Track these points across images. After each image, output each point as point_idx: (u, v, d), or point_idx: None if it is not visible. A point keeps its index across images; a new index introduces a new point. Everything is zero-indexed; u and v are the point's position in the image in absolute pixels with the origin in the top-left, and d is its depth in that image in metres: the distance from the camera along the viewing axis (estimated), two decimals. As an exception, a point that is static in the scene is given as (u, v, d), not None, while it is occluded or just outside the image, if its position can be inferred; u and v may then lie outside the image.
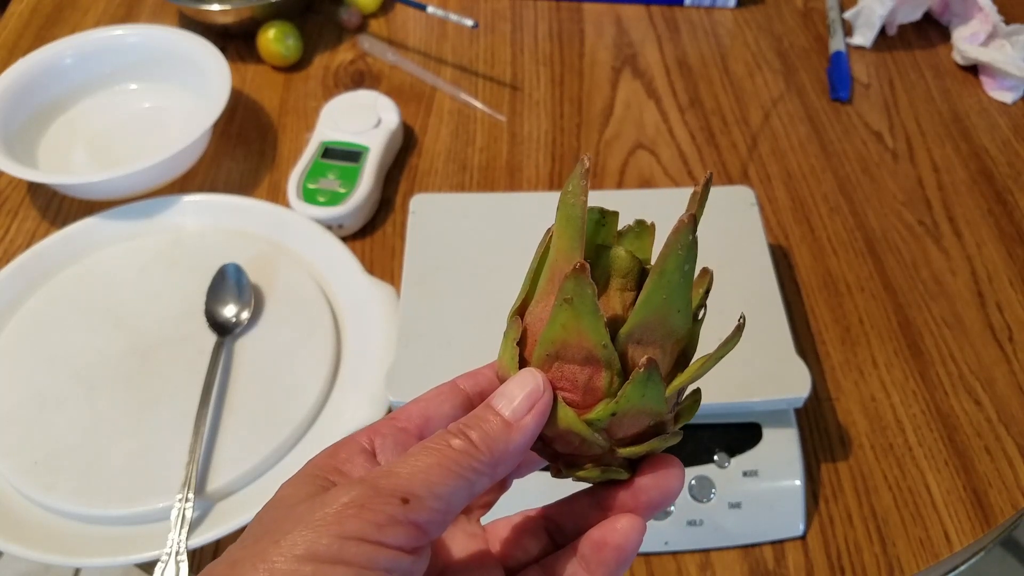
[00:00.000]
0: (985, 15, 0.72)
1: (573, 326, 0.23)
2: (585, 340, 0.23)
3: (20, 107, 0.65)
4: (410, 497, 0.21)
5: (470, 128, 0.69)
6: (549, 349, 0.24)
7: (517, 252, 0.52)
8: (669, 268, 0.23)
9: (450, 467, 0.22)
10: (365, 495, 0.21)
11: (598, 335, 0.23)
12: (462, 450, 0.22)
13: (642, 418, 0.24)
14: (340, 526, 0.20)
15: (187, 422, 0.48)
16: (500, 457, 0.23)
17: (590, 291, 0.22)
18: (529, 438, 0.23)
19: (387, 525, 0.20)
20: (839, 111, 0.71)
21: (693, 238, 0.23)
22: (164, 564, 0.43)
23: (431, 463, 0.22)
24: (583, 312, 0.23)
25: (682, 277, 0.23)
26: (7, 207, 0.64)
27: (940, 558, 0.46)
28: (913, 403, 0.52)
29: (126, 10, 0.80)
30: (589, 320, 0.23)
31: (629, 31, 0.78)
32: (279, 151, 0.68)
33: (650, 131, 0.69)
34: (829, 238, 0.61)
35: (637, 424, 0.24)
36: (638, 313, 0.23)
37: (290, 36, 0.72)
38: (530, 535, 0.27)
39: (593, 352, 0.23)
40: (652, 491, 0.25)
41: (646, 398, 0.23)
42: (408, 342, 0.47)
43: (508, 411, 0.23)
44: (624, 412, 0.24)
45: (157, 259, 0.57)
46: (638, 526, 0.24)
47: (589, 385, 0.24)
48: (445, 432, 0.23)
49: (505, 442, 0.23)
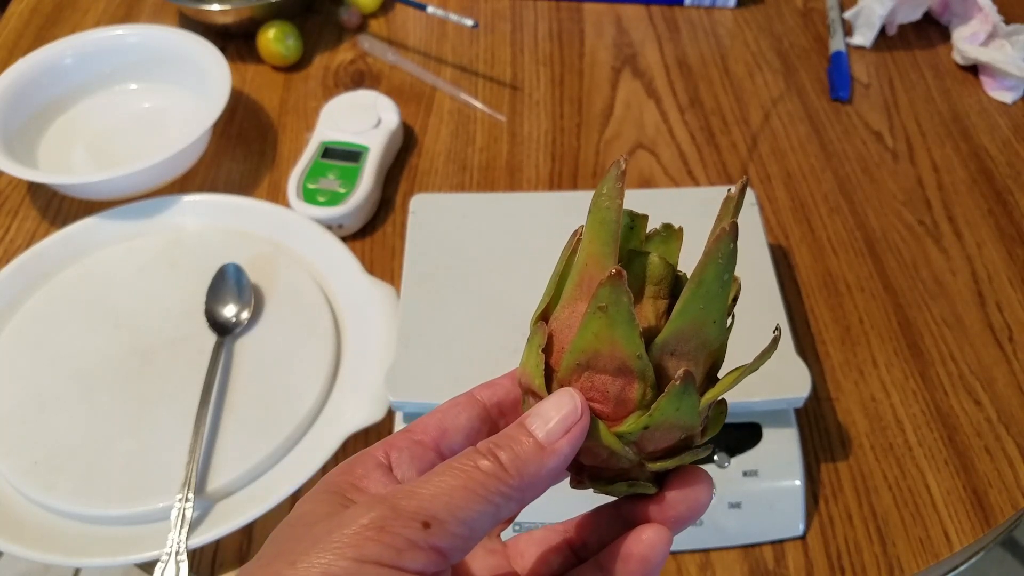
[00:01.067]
0: (985, 15, 0.72)
1: (607, 335, 0.22)
2: (618, 350, 0.22)
3: (20, 107, 0.65)
4: (432, 521, 0.20)
5: (470, 128, 0.69)
6: (580, 359, 0.23)
7: (517, 252, 0.53)
8: (708, 278, 0.22)
9: (476, 490, 0.21)
10: (385, 516, 0.20)
11: (633, 346, 0.22)
12: (490, 472, 0.21)
13: (674, 432, 0.23)
14: (358, 549, 0.19)
15: (187, 422, 0.48)
16: (530, 482, 0.22)
17: (626, 299, 0.21)
18: (563, 462, 0.22)
19: (406, 550, 0.19)
20: (839, 111, 0.71)
21: (734, 247, 0.22)
22: (164, 564, 0.43)
23: (456, 485, 0.21)
24: (618, 321, 0.22)
25: (721, 287, 0.22)
26: (7, 207, 0.64)
27: (940, 558, 0.46)
28: (913, 403, 0.52)
29: (126, 10, 0.80)
30: (624, 330, 0.22)
31: (629, 31, 0.78)
32: (279, 151, 0.68)
33: (650, 131, 0.69)
34: (829, 238, 0.61)
35: (668, 438, 0.23)
36: (674, 323, 0.22)
37: (290, 36, 0.72)
38: (553, 551, 0.26)
39: (627, 363, 0.22)
40: (680, 506, 0.24)
41: (680, 412, 0.23)
42: (408, 342, 0.47)
43: (542, 432, 0.22)
44: (657, 426, 0.23)
45: (157, 259, 0.57)
46: (664, 537, 0.23)
47: (621, 397, 0.23)
48: (474, 451, 0.22)
49: (537, 466, 0.22)
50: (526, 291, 0.53)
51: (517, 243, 0.53)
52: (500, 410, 0.26)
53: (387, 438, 0.24)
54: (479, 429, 0.25)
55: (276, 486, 0.46)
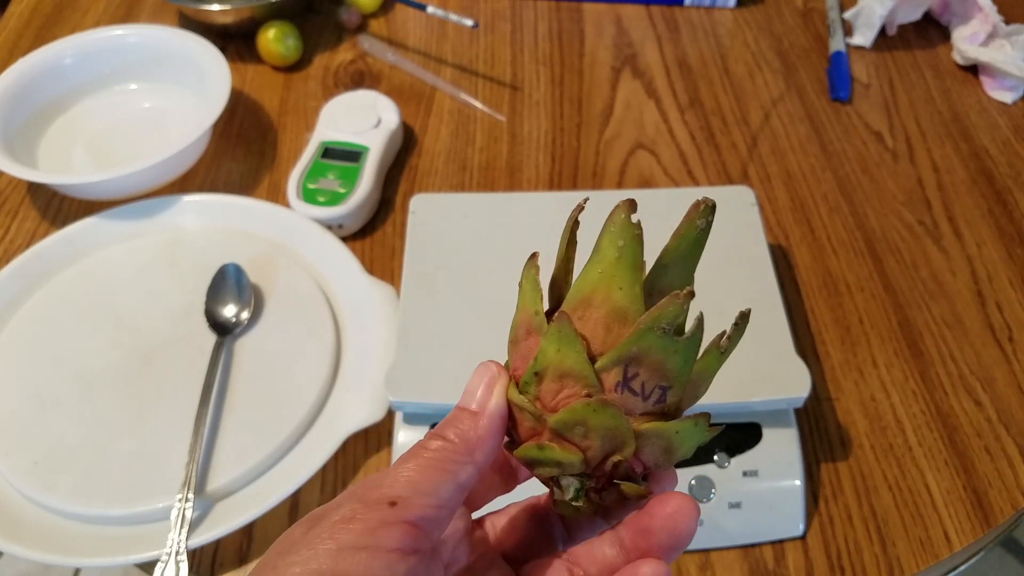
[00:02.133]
0: (985, 15, 0.72)
1: (521, 304, 0.25)
2: (526, 313, 0.25)
3: (20, 107, 0.65)
4: (396, 500, 0.22)
5: (470, 128, 0.69)
6: (511, 336, 0.26)
7: (517, 252, 0.52)
8: (603, 244, 0.24)
9: (430, 465, 0.23)
10: (354, 508, 0.21)
11: (534, 304, 0.25)
12: (439, 448, 0.23)
13: (568, 381, 0.23)
14: (335, 540, 0.21)
15: (187, 422, 0.48)
16: (475, 444, 0.24)
17: (533, 271, 0.25)
18: (497, 419, 0.24)
19: (379, 528, 0.21)
20: (839, 111, 0.71)
21: (625, 216, 0.24)
22: (164, 564, 0.43)
23: (411, 467, 0.23)
24: (527, 289, 0.25)
25: (617, 252, 0.24)
26: (7, 207, 0.64)
27: (940, 558, 0.46)
28: (913, 403, 0.52)
29: (126, 10, 0.80)
30: (529, 295, 0.25)
31: (629, 31, 0.78)
32: (279, 151, 0.68)
33: (650, 131, 0.69)
34: (829, 238, 0.61)
35: (566, 388, 0.24)
36: (574, 286, 0.24)
37: (290, 36, 0.72)
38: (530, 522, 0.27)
39: (531, 322, 0.25)
40: (661, 533, 0.23)
41: (561, 352, 0.23)
42: (408, 342, 0.47)
43: (473, 403, 0.25)
44: (544, 370, 0.24)
45: (157, 259, 0.57)
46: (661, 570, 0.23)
47: (528, 355, 0.25)
48: (422, 440, 0.24)
49: (476, 428, 0.24)
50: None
51: (517, 243, 0.52)
52: None
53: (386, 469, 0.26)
54: None
55: (276, 486, 0.46)
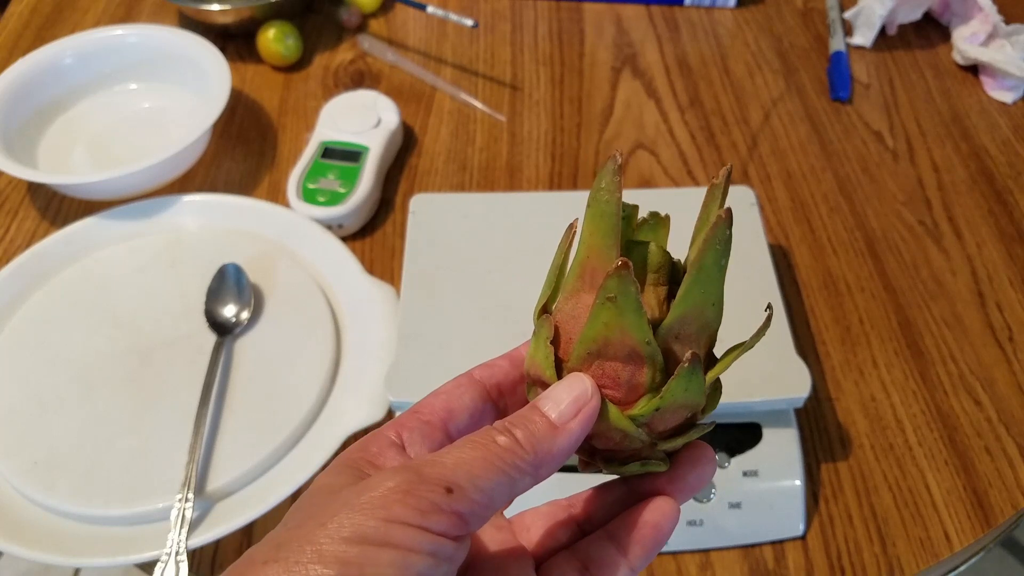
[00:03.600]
0: (985, 15, 0.72)
1: (616, 324, 0.23)
2: (628, 338, 0.23)
3: (20, 107, 0.65)
4: (454, 487, 0.21)
5: (470, 128, 0.69)
6: (591, 347, 0.24)
7: (517, 252, 0.53)
8: (707, 263, 0.23)
9: (494, 462, 0.22)
10: (410, 481, 0.21)
11: (642, 333, 0.23)
12: (507, 447, 0.22)
13: (681, 411, 0.24)
14: (386, 510, 0.20)
15: (187, 422, 0.48)
16: (544, 459, 0.23)
17: (633, 289, 0.23)
18: (575, 442, 0.23)
19: (431, 512, 0.20)
20: (839, 111, 0.71)
21: (729, 233, 0.23)
22: (164, 564, 0.43)
23: (476, 456, 0.22)
24: (627, 310, 0.23)
25: (719, 271, 0.23)
26: (7, 207, 0.64)
27: (940, 558, 0.46)
28: (913, 403, 0.52)
29: (126, 10, 0.80)
30: (633, 318, 0.23)
31: (629, 31, 0.78)
32: (279, 151, 0.68)
33: (650, 131, 0.69)
34: (829, 238, 0.61)
35: (677, 418, 0.25)
36: (678, 309, 0.23)
37: (290, 36, 0.72)
38: (559, 525, 0.27)
39: (636, 349, 0.23)
40: (689, 476, 0.25)
41: (688, 392, 0.24)
42: (408, 342, 0.47)
43: (555, 414, 0.23)
44: (667, 407, 0.24)
45: (157, 259, 0.57)
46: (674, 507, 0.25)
47: (632, 382, 0.24)
48: (490, 428, 0.23)
49: (550, 444, 0.23)
50: (526, 291, 0.53)
51: (517, 243, 0.53)
52: (500, 391, 0.27)
53: (396, 418, 0.25)
54: (482, 409, 0.26)
55: (276, 486, 0.46)
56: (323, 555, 0.19)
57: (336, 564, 0.19)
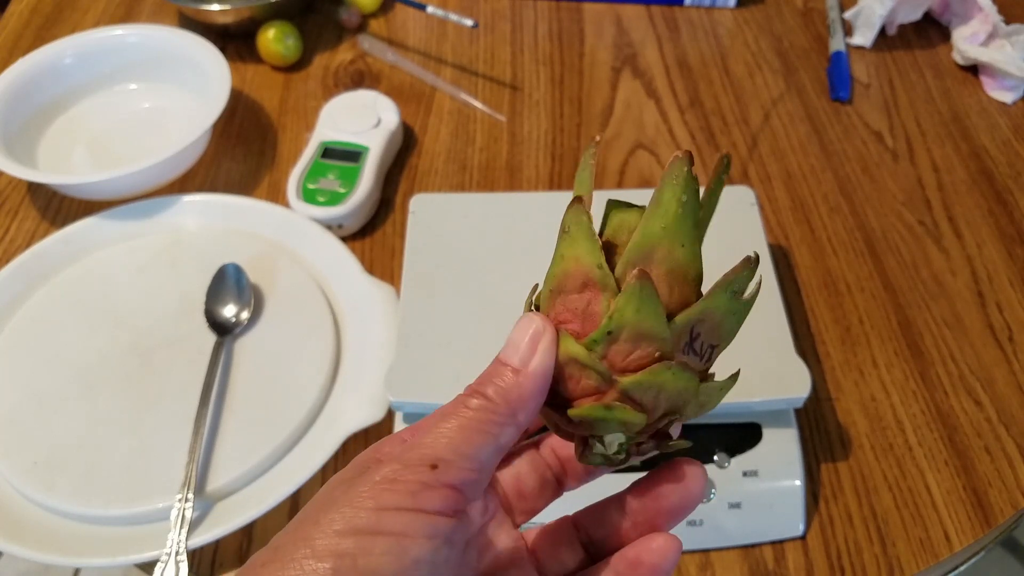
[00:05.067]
0: (985, 15, 0.72)
1: (571, 254, 0.23)
2: (581, 265, 0.23)
3: (20, 107, 0.65)
4: (438, 462, 0.21)
5: (470, 128, 0.69)
6: (552, 284, 0.24)
7: (517, 252, 0.53)
8: (665, 198, 0.23)
9: (471, 426, 0.22)
10: (395, 470, 0.21)
11: (593, 256, 0.23)
12: (479, 408, 0.23)
13: (642, 342, 0.23)
14: (375, 500, 0.21)
15: (187, 422, 0.48)
16: (517, 405, 0.23)
17: (585, 218, 0.23)
18: (542, 378, 0.23)
19: (421, 491, 0.21)
20: (839, 111, 0.71)
21: (687, 170, 0.23)
22: (164, 564, 0.43)
23: (452, 426, 0.22)
24: (579, 237, 0.23)
25: (680, 207, 0.23)
26: (7, 207, 0.64)
27: (940, 558, 0.46)
28: (913, 403, 0.52)
29: (126, 10, 0.80)
30: (584, 244, 0.23)
31: (629, 31, 0.78)
32: (279, 151, 0.68)
33: (650, 131, 0.69)
34: (829, 238, 0.61)
35: (638, 349, 0.23)
36: (635, 240, 0.23)
37: (290, 36, 0.72)
38: (565, 545, 0.27)
39: (589, 275, 0.23)
40: (672, 496, 0.25)
41: (641, 313, 0.22)
42: (408, 342, 0.47)
43: (516, 359, 0.23)
44: (619, 329, 0.23)
45: (157, 259, 0.57)
46: (673, 544, 0.24)
47: (588, 311, 0.24)
48: (461, 396, 0.23)
49: (519, 389, 0.23)
50: (526, 291, 0.53)
51: (517, 243, 0.53)
52: None
53: (415, 424, 0.25)
54: None
55: (276, 486, 0.46)
56: (316, 550, 0.20)
57: (331, 557, 0.20)
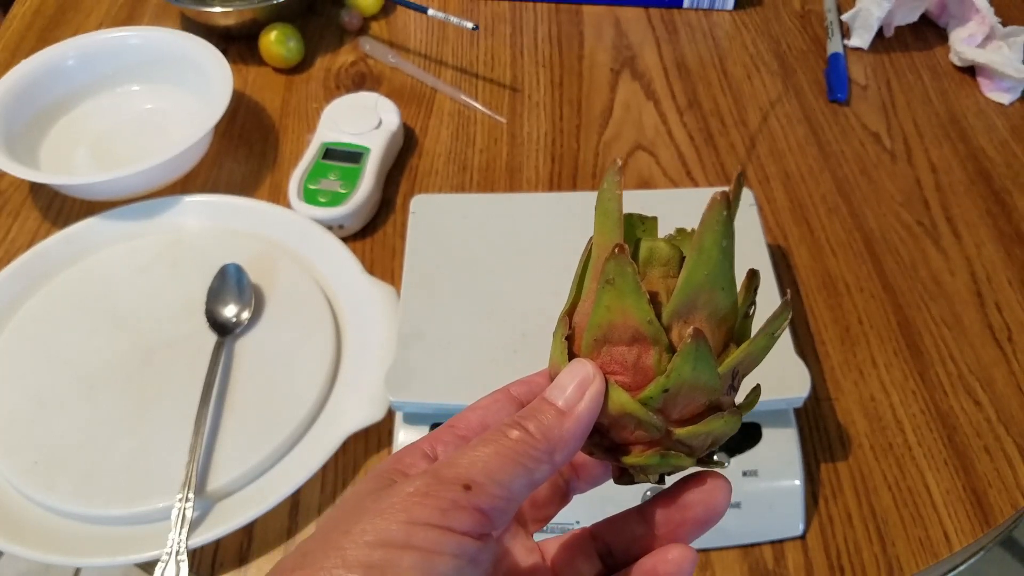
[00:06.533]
0: (982, 17, 0.72)
1: (617, 306, 0.23)
2: (630, 319, 0.23)
3: (23, 108, 0.65)
4: (472, 484, 0.21)
5: (470, 129, 0.70)
6: (596, 334, 0.24)
7: (517, 252, 0.53)
8: (707, 244, 0.23)
9: (509, 456, 0.22)
10: (428, 484, 0.21)
11: (642, 312, 0.23)
12: (519, 440, 0.23)
13: (696, 395, 0.24)
14: (407, 513, 0.21)
15: (187, 422, 0.48)
16: (556, 445, 0.23)
17: (630, 269, 0.23)
18: (584, 424, 0.24)
19: (451, 510, 0.21)
20: (837, 112, 0.71)
21: (727, 214, 0.23)
22: (164, 564, 0.43)
23: (490, 452, 0.22)
24: (626, 291, 0.23)
25: (721, 253, 0.23)
26: (9, 207, 0.65)
27: (940, 558, 0.46)
28: (912, 403, 0.52)
29: (128, 12, 0.81)
30: (632, 298, 0.23)
31: (628, 33, 0.78)
32: (280, 152, 0.68)
33: (649, 133, 0.69)
34: (828, 239, 0.62)
35: (692, 402, 0.24)
36: (681, 290, 0.23)
37: (291, 38, 0.73)
38: (582, 556, 0.27)
39: (639, 329, 0.23)
40: (698, 507, 0.25)
41: (697, 371, 0.23)
42: (408, 342, 0.47)
43: (561, 401, 0.24)
44: (676, 387, 0.23)
45: (158, 259, 0.58)
46: (689, 556, 0.24)
47: (638, 364, 0.24)
48: (503, 424, 0.23)
49: (560, 430, 0.23)
50: (526, 291, 0.53)
51: (517, 243, 0.53)
52: None
53: (432, 432, 0.25)
54: None
55: (276, 486, 0.46)
56: (347, 560, 0.20)
57: (360, 568, 0.20)
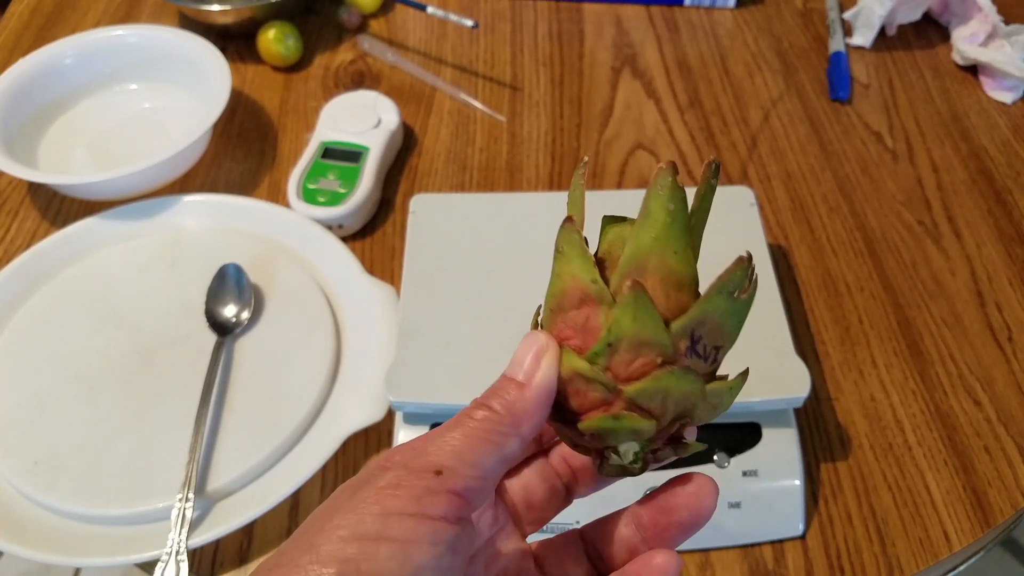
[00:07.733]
0: (984, 15, 0.72)
1: (566, 271, 0.24)
2: (577, 282, 0.24)
3: (20, 107, 0.65)
4: (443, 469, 0.22)
5: (470, 128, 0.69)
6: (552, 304, 0.25)
7: (517, 252, 0.53)
8: (653, 208, 0.23)
9: (477, 435, 0.23)
10: (400, 476, 0.22)
11: (587, 272, 0.24)
12: (485, 418, 0.23)
13: (643, 350, 0.23)
14: (380, 505, 0.21)
15: (187, 422, 0.48)
16: (521, 417, 0.24)
17: (576, 236, 0.24)
18: (545, 393, 0.24)
19: (425, 496, 0.21)
20: (839, 111, 0.71)
21: (672, 180, 0.23)
22: (164, 564, 0.43)
23: (458, 436, 0.23)
24: (572, 256, 0.24)
25: (668, 216, 0.23)
26: (7, 207, 0.65)
27: (940, 558, 0.46)
28: (913, 403, 0.52)
29: (126, 10, 0.80)
30: (578, 261, 0.24)
31: (629, 31, 0.78)
32: (279, 151, 0.68)
33: (650, 131, 0.69)
34: (829, 238, 0.61)
35: (640, 357, 0.23)
36: (627, 252, 0.24)
37: (290, 36, 0.72)
38: (571, 559, 0.27)
39: (585, 290, 0.24)
40: (683, 511, 0.25)
41: (639, 322, 0.23)
42: (408, 342, 0.47)
43: (520, 374, 0.24)
44: (618, 340, 0.23)
45: (157, 259, 0.57)
46: (673, 561, 0.24)
47: (587, 325, 0.24)
48: (467, 408, 0.24)
49: (523, 401, 0.24)
50: (526, 291, 0.53)
51: (517, 243, 0.53)
52: None
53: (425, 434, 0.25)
54: None
55: (276, 486, 0.46)
56: (321, 556, 0.20)
57: (335, 563, 0.20)
